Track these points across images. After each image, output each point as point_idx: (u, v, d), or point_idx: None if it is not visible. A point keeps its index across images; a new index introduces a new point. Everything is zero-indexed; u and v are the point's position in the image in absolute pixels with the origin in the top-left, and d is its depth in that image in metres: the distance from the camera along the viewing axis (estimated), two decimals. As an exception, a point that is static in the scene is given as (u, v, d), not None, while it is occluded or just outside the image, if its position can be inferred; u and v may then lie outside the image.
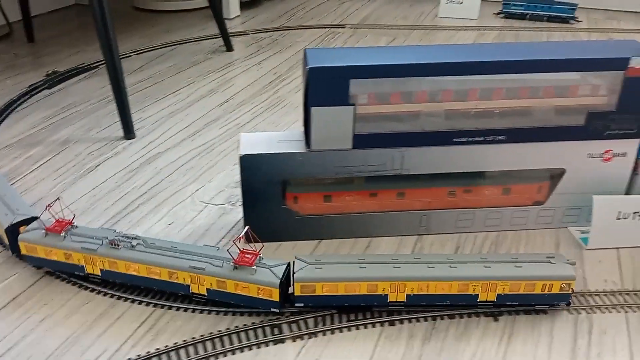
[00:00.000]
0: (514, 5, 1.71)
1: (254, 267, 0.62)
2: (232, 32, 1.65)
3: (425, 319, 0.64)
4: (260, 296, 0.62)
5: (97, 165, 0.96)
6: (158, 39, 1.61)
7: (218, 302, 0.64)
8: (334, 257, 0.67)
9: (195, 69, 1.39)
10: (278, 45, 1.55)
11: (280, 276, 0.62)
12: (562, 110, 0.72)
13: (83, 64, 1.42)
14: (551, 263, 0.64)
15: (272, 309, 0.63)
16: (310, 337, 0.62)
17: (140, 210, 0.84)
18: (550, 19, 1.69)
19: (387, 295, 0.63)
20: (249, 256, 0.63)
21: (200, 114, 1.15)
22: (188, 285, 0.64)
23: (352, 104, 0.68)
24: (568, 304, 0.65)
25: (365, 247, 0.76)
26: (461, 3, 1.74)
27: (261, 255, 0.64)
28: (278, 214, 0.74)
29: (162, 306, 0.66)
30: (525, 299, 0.64)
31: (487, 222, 0.78)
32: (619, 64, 0.68)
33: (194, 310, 0.65)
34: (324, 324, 0.63)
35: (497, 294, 0.63)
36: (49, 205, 0.69)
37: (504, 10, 1.73)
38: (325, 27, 1.70)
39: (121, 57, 1.50)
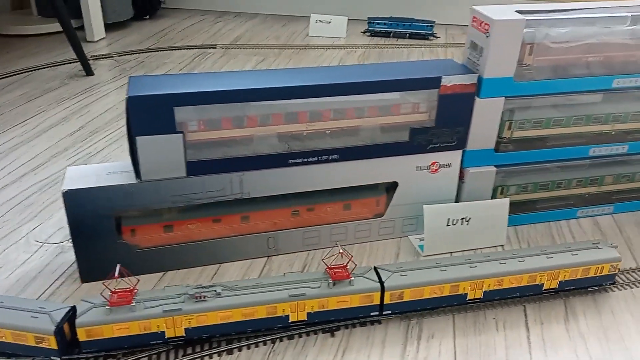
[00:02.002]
0: (378, 23, 1.80)
1: (352, 278, 0.64)
2: (95, 55, 1.58)
3: (265, 342, 0.64)
4: (361, 304, 0.65)
5: None
6: (11, 65, 1.50)
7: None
8: (412, 264, 0.69)
9: (48, 96, 1.31)
10: (144, 68, 1.50)
11: (377, 280, 0.65)
12: (388, 128, 0.76)
13: None
14: (598, 248, 0.71)
15: (372, 314, 0.65)
16: (142, 378, 0.59)
17: (-36, 256, 0.76)
18: (411, 36, 1.79)
19: (466, 294, 0.68)
20: (339, 270, 0.65)
21: (48, 144, 1.08)
22: (287, 316, 0.63)
23: (180, 132, 0.67)
24: (613, 283, 0.72)
25: (213, 274, 0.75)
26: (329, 22, 1.80)
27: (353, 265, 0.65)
28: (114, 249, 0.71)
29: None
30: (581, 283, 0.71)
31: (333, 237, 0.80)
32: (433, 82, 0.73)
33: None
34: (158, 362, 0.61)
35: (559, 281, 0.70)
36: (114, 276, 0.59)
37: (370, 28, 1.82)
38: (195, 48, 1.68)
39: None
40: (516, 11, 0.73)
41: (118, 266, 0.60)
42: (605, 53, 0.77)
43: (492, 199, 0.82)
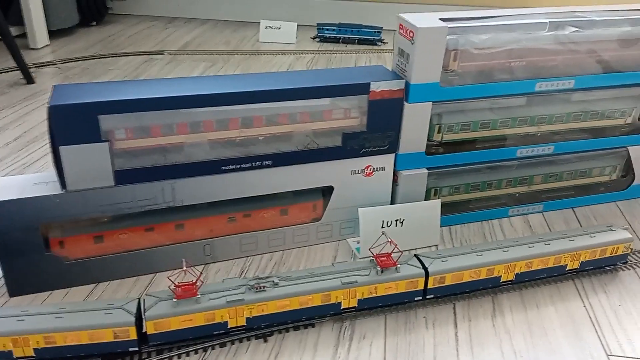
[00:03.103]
0: (327, 29, 1.82)
1: (398, 265, 0.68)
2: (37, 62, 1.54)
3: (196, 351, 0.64)
4: (407, 290, 0.68)
5: None
6: (-54, 73, 1.45)
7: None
8: (450, 250, 0.73)
9: (-15, 105, 1.27)
10: (88, 75, 1.47)
11: (421, 266, 0.68)
12: (321, 133, 0.77)
13: None
14: (612, 230, 0.77)
15: (416, 299, 0.70)
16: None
17: None
18: (360, 42, 1.82)
19: (500, 276, 0.72)
20: (383, 258, 0.68)
21: (-19, 156, 1.04)
22: (340, 303, 0.67)
23: (106, 140, 0.66)
24: (625, 262, 0.78)
25: (147, 284, 0.74)
26: (279, 28, 1.81)
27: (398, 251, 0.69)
28: (42, 262, 0.69)
29: None
30: (599, 263, 0.76)
31: (271, 242, 0.81)
32: (362, 88, 0.75)
33: None
34: (85, 375, 0.60)
35: (581, 262, 0.75)
36: (187, 268, 0.63)
37: (319, 34, 1.84)
38: (142, 54, 1.65)
39: None
40: (440, 19, 0.75)
41: (184, 260, 0.64)
42: (527, 58, 0.80)
43: (425, 200, 0.85)
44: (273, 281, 0.65)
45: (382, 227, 0.80)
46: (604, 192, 0.96)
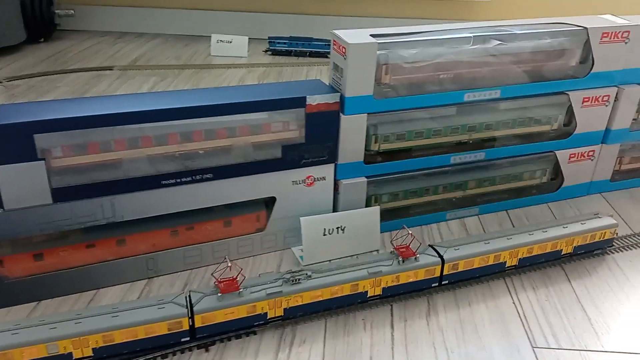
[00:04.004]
0: (279, 43, 1.86)
1: (417, 255, 0.74)
2: (-20, 80, 1.51)
3: (138, 364, 0.65)
4: (425, 277, 0.75)
5: None
6: None
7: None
8: (460, 240, 0.79)
9: None
10: (34, 93, 1.45)
11: (437, 255, 0.74)
12: (260, 146, 0.79)
13: None
14: (599, 217, 0.85)
15: (433, 285, 0.76)
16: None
17: None
18: (311, 55, 1.86)
19: (505, 262, 0.79)
20: (403, 249, 0.74)
21: None
22: (366, 292, 0.73)
23: (42, 159, 0.67)
24: (611, 246, 0.87)
25: (89, 300, 0.75)
26: (230, 42, 1.83)
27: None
28: (-20, 281, 0.69)
29: None
30: (589, 247, 0.84)
31: (216, 254, 0.82)
32: (299, 102, 0.78)
33: None
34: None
35: (574, 247, 0.82)
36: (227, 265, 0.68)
37: (271, 47, 1.87)
38: (91, 70, 1.64)
39: None
40: (371, 35, 0.79)
41: (226, 257, 0.71)
42: (455, 70, 0.85)
43: (366, 207, 0.88)
44: (306, 274, 0.70)
45: (324, 235, 0.83)
46: (536, 194, 1.02)
